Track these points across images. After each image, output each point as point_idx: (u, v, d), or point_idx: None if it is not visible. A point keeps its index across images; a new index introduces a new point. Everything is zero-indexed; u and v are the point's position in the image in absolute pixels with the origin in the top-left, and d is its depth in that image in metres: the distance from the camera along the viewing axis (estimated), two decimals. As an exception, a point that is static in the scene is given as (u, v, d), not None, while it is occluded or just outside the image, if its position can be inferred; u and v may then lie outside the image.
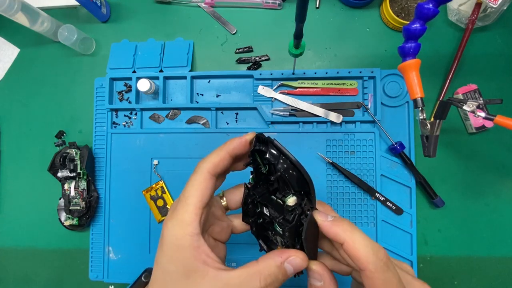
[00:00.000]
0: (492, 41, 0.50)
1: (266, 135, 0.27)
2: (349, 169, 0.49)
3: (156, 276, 0.24)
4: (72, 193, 0.51)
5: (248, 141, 0.27)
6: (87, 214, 0.51)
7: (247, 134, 0.27)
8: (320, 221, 0.23)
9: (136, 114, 0.53)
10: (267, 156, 0.24)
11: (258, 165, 0.27)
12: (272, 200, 0.27)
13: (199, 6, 0.55)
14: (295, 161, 0.24)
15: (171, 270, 0.23)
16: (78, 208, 0.50)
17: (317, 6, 0.53)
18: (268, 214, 0.27)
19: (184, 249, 0.23)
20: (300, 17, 0.31)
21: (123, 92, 0.54)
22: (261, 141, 0.26)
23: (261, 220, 0.29)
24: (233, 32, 0.54)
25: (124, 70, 0.53)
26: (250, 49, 0.53)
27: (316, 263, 0.24)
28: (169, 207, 0.51)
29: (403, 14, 0.49)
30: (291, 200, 0.24)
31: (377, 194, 0.48)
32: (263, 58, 0.53)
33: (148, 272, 0.44)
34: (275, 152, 0.24)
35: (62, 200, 0.52)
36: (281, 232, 0.25)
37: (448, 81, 0.49)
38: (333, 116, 0.49)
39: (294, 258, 0.23)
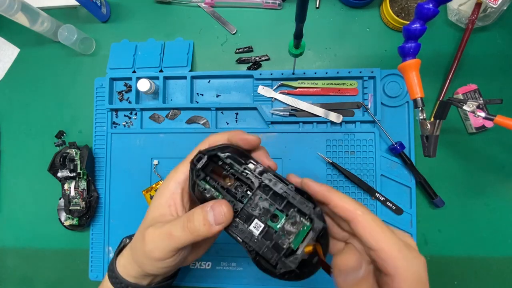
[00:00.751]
0: (492, 41, 0.50)
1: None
2: (349, 169, 0.49)
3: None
4: (72, 193, 0.51)
5: (250, 142, 0.29)
6: (87, 214, 0.51)
7: (252, 136, 0.29)
8: (308, 183, 0.27)
9: (136, 114, 0.53)
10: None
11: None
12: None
13: (199, 6, 0.55)
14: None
15: (153, 203, 0.31)
16: (78, 208, 0.50)
17: (317, 6, 0.53)
18: (262, 224, 0.26)
19: (167, 190, 0.30)
20: (300, 17, 0.31)
21: (123, 92, 0.54)
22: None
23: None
24: (233, 32, 0.54)
25: (124, 70, 0.53)
26: (250, 49, 0.53)
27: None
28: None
29: (403, 14, 0.49)
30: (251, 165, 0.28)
31: (377, 194, 0.48)
32: (263, 58, 0.53)
33: (126, 237, 0.42)
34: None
35: (62, 200, 0.52)
36: (282, 221, 0.26)
37: (448, 81, 0.49)
38: (333, 116, 0.49)
39: (218, 207, 0.26)
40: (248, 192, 0.27)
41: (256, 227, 0.26)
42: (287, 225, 0.25)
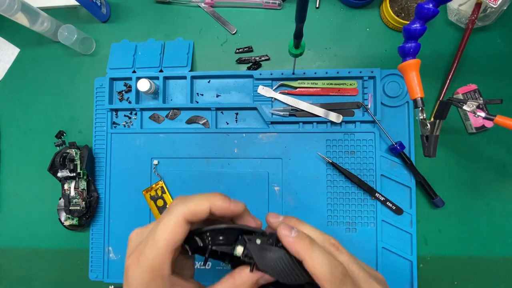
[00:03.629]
0: (492, 41, 0.50)
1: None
2: (349, 169, 0.49)
3: None
4: (72, 193, 0.51)
5: (234, 211, 0.25)
6: (87, 214, 0.51)
7: (237, 204, 0.26)
8: (283, 236, 0.23)
9: (136, 114, 0.53)
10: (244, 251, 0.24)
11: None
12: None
13: (199, 6, 0.55)
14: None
15: None
16: (78, 208, 0.50)
17: (317, 6, 0.53)
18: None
19: None
20: (300, 17, 0.31)
21: (123, 92, 0.54)
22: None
23: None
24: (233, 32, 0.54)
25: (124, 70, 0.53)
26: (250, 49, 0.53)
27: None
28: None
29: (403, 14, 0.49)
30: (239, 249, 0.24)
31: (377, 194, 0.48)
32: (263, 58, 0.53)
33: None
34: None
35: (62, 200, 0.52)
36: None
37: (448, 81, 0.49)
38: (333, 116, 0.49)
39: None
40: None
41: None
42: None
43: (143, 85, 0.49)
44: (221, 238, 0.24)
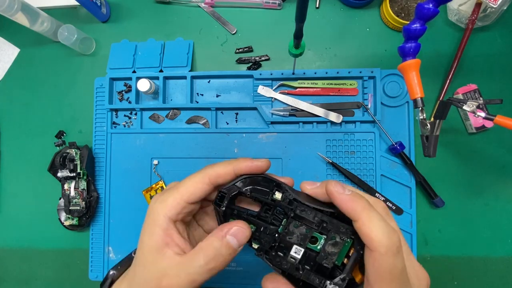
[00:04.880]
0: (492, 41, 0.50)
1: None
2: (349, 169, 0.49)
3: (138, 245, 0.26)
4: (72, 193, 0.51)
5: (260, 167, 0.26)
6: (87, 214, 0.51)
7: (260, 160, 0.26)
8: (336, 193, 0.22)
9: (136, 114, 0.53)
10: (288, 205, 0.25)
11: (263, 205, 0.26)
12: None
13: (199, 6, 0.55)
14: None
15: (146, 242, 0.25)
16: (78, 208, 0.50)
17: (317, 6, 0.53)
18: (302, 249, 0.25)
19: (158, 227, 0.25)
20: (300, 17, 0.31)
21: (123, 92, 0.54)
22: (268, 181, 0.26)
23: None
24: (233, 32, 0.54)
25: (124, 70, 0.53)
26: (250, 49, 0.53)
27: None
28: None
29: (403, 14, 0.49)
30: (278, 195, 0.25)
31: (377, 194, 0.48)
32: (263, 58, 0.53)
33: (112, 268, 0.42)
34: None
35: (62, 200, 0.52)
36: (320, 245, 0.25)
37: (448, 81, 0.49)
38: (333, 116, 0.49)
39: (236, 229, 0.24)
40: (280, 216, 0.26)
41: (297, 252, 0.25)
42: (328, 246, 0.24)
43: (143, 85, 0.49)
44: (258, 187, 0.26)
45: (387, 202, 0.48)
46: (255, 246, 0.25)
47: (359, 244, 0.23)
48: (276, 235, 0.25)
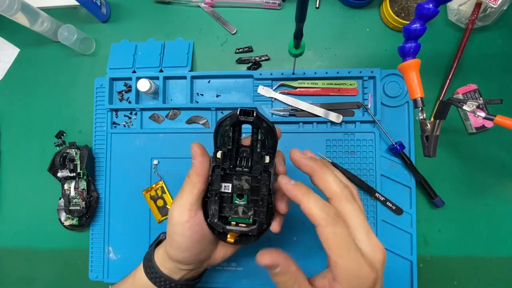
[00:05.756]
0: (492, 41, 0.50)
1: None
2: (349, 169, 0.49)
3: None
4: (72, 193, 0.51)
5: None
6: (87, 214, 0.51)
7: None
8: (283, 184, 0.27)
9: (136, 114, 0.53)
10: (259, 123, 0.28)
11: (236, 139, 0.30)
12: (237, 171, 0.30)
13: (199, 6, 0.55)
14: (273, 126, 0.29)
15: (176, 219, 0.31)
16: (78, 208, 0.50)
17: (317, 6, 0.53)
18: (229, 190, 0.30)
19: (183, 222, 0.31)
20: (300, 17, 0.31)
21: (123, 92, 0.54)
22: (244, 114, 0.28)
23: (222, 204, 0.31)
24: (233, 32, 0.54)
25: (124, 70, 0.53)
26: (250, 49, 0.53)
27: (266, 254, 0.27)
28: (169, 207, 0.51)
29: (403, 14, 0.49)
30: (267, 158, 0.30)
31: (377, 194, 0.48)
32: (263, 58, 0.53)
33: (163, 232, 0.44)
34: (263, 120, 0.29)
35: (62, 200, 0.52)
36: (243, 202, 0.30)
37: (448, 81, 0.49)
38: (333, 116, 0.49)
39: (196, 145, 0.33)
40: (245, 169, 0.30)
41: (226, 188, 0.30)
42: (240, 208, 0.30)
43: (143, 85, 0.49)
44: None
45: (387, 202, 0.48)
46: (219, 156, 0.30)
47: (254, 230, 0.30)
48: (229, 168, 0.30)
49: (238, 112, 0.28)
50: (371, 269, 0.24)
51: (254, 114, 0.28)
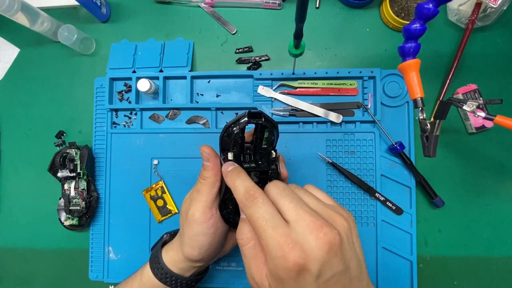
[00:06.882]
0: (492, 41, 0.50)
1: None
2: (349, 169, 0.49)
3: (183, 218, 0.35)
4: (72, 193, 0.51)
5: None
6: (87, 214, 0.51)
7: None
8: (223, 171, 0.30)
9: (136, 114, 0.53)
10: (266, 124, 0.30)
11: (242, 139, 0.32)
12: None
13: (199, 6, 0.55)
14: (276, 123, 0.32)
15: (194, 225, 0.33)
16: (78, 208, 0.50)
17: (317, 6, 0.53)
18: None
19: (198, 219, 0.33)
20: (300, 17, 0.31)
21: (123, 92, 0.54)
22: (253, 116, 0.30)
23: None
24: (233, 32, 0.54)
25: (124, 70, 0.53)
26: (250, 49, 0.53)
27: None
28: (169, 207, 0.51)
29: (403, 14, 0.49)
30: (273, 153, 0.33)
31: (377, 194, 0.48)
32: (263, 58, 0.53)
33: (166, 233, 0.44)
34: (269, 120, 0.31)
35: (62, 200, 0.52)
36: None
37: (448, 81, 0.49)
38: (333, 116, 0.49)
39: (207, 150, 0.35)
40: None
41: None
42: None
43: (143, 85, 0.49)
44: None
45: (387, 202, 0.48)
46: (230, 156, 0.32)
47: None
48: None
49: (247, 117, 0.30)
50: (296, 253, 0.22)
51: (263, 118, 0.30)
